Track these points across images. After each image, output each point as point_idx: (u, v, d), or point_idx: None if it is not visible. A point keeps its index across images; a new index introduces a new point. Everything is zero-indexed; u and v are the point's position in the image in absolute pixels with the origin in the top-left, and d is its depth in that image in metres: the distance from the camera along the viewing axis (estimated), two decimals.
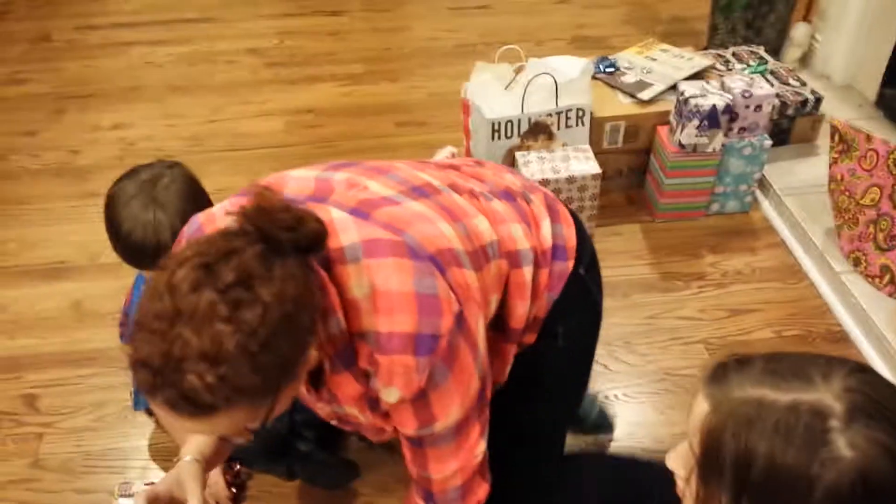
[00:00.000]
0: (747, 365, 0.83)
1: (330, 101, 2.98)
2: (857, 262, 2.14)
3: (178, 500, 1.12)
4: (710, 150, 2.26)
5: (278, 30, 3.38)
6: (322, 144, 2.76)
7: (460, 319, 1.02)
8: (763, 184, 2.47)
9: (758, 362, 0.83)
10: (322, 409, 1.19)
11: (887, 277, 2.06)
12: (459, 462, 1.08)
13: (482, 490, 1.13)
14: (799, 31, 2.93)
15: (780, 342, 2.07)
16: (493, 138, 2.25)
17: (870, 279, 2.11)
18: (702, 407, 0.83)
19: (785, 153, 2.55)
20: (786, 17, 2.93)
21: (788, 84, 2.56)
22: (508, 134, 2.25)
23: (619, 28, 3.36)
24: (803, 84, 2.56)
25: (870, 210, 2.09)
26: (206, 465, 1.16)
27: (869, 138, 2.09)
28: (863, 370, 0.81)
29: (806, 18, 3.01)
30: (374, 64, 3.18)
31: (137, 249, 1.41)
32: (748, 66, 2.57)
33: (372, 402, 1.08)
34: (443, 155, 2.31)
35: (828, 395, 0.77)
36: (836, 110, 2.68)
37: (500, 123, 2.22)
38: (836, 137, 2.16)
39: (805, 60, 2.97)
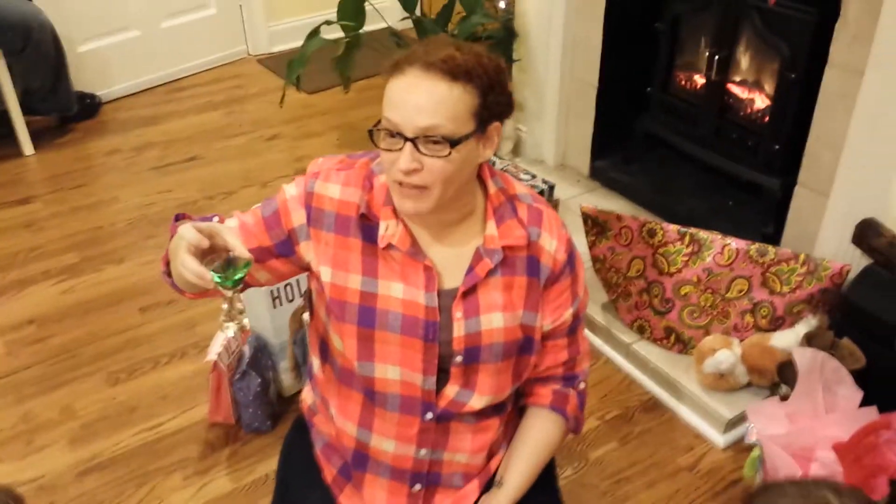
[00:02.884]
0: None
1: (50, 304, 2.59)
2: (641, 330, 2.28)
3: (213, 249, 1.14)
4: None
5: None
6: (59, 358, 2.37)
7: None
8: None
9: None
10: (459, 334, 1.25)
11: (673, 337, 2.22)
12: (587, 342, 1.42)
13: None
14: (505, 125, 3.13)
15: (606, 428, 2.13)
16: (274, 306, 2.08)
17: (658, 342, 2.25)
18: None
19: None
20: None
21: (520, 179, 2.70)
22: (290, 297, 2.10)
23: (338, 152, 3.30)
24: (533, 176, 2.73)
25: (638, 280, 2.25)
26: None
27: (619, 217, 2.26)
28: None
29: None
30: (89, 248, 2.83)
31: None
32: None
33: (532, 267, 1.27)
34: (221, 339, 2.09)
35: None
36: (559, 190, 2.89)
37: (278, 289, 2.06)
38: (589, 222, 2.31)
39: (517, 150, 3.19)
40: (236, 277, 1.13)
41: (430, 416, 1.28)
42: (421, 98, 1.11)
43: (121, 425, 2.16)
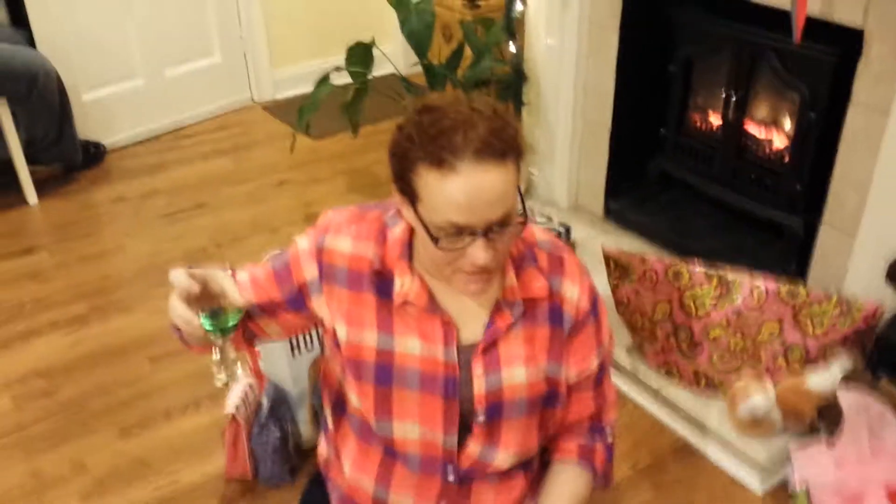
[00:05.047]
0: None
1: (59, 356, 2.52)
2: (669, 374, 2.23)
3: (209, 293, 1.10)
4: None
5: None
6: (68, 411, 2.30)
7: None
8: None
9: None
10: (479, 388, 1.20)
11: (703, 381, 2.17)
12: (614, 391, 1.36)
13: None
14: None
15: (638, 477, 2.06)
16: (293, 355, 2.02)
17: (687, 387, 2.20)
18: None
19: None
20: None
21: (536, 223, 2.67)
22: (309, 346, 2.04)
23: (347, 198, 3.33)
24: (549, 218, 2.70)
25: (665, 324, 2.21)
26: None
27: (643, 260, 2.22)
28: None
29: None
30: (97, 298, 2.77)
31: None
32: None
33: (554, 316, 1.22)
34: (239, 390, 2.03)
35: None
36: (575, 231, 2.86)
37: (297, 338, 2.01)
38: (612, 264, 2.27)
39: (529, 192, 3.17)
40: (227, 325, 1.09)
41: (451, 477, 1.24)
42: (487, 193, 1.02)
43: (134, 481, 2.08)
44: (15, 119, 3.17)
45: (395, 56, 3.29)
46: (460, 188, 1.02)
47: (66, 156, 3.45)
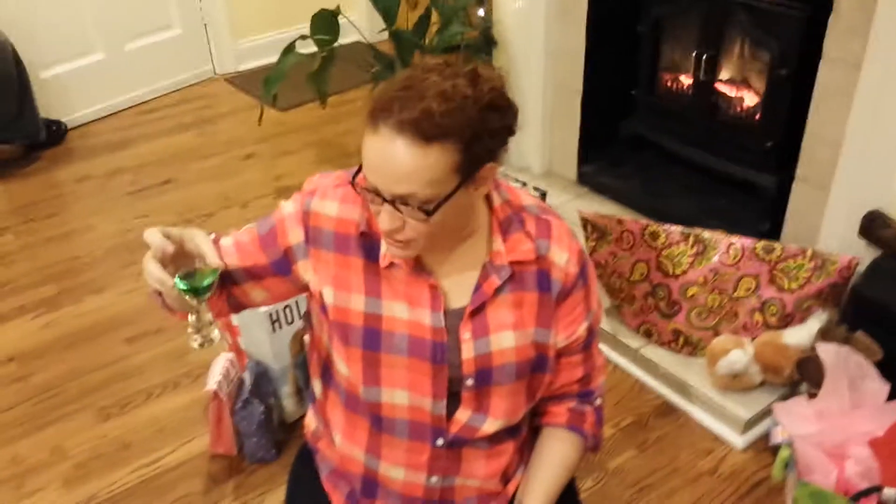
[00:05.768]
0: None
1: (30, 339, 2.47)
2: (648, 334, 2.25)
3: (187, 253, 1.09)
4: None
5: None
6: (43, 395, 2.26)
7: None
8: None
9: None
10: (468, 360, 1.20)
11: (681, 340, 2.19)
12: (602, 356, 1.35)
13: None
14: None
15: (622, 435, 2.09)
16: (273, 330, 2.00)
17: (665, 346, 2.22)
18: None
19: None
20: None
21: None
22: (289, 320, 2.02)
23: (317, 169, 3.29)
24: (524, 184, 2.69)
25: (642, 284, 2.22)
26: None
27: (620, 221, 2.23)
28: None
29: None
30: (66, 280, 2.71)
31: None
32: None
33: (542, 281, 1.21)
34: (220, 367, 2.01)
35: None
36: (549, 196, 2.86)
37: (277, 312, 1.99)
38: (589, 227, 2.28)
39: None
40: (202, 285, 1.06)
41: (440, 442, 1.23)
42: (393, 165, 1.03)
43: (116, 463, 2.06)
44: None
45: (360, 23, 3.23)
46: (373, 146, 1.04)
47: (27, 133, 3.35)
